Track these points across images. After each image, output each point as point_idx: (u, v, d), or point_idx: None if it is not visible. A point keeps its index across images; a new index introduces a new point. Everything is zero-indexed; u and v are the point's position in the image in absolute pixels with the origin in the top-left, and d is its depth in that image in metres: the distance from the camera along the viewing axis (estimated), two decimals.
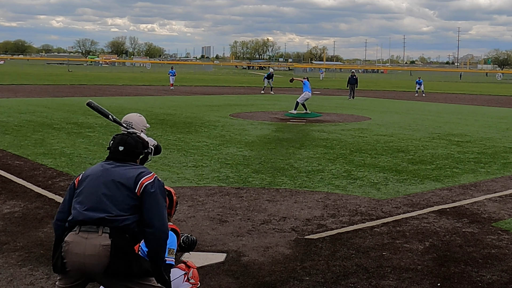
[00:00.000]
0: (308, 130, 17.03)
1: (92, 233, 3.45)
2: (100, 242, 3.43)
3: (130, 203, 3.56)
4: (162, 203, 3.64)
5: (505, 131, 18.05)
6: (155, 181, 3.65)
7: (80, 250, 3.43)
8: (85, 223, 3.49)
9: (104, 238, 3.44)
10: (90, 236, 3.44)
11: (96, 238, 3.44)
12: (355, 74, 36.36)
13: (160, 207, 3.62)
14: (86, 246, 3.42)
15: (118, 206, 3.54)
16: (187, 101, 27.79)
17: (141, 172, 3.66)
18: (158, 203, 3.61)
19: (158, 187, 3.65)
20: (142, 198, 3.58)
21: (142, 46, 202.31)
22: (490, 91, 51.41)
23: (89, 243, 3.43)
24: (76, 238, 3.45)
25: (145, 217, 3.57)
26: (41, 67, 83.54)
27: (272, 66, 69.24)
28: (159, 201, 3.63)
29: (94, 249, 3.41)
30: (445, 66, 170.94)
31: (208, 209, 7.65)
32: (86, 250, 3.42)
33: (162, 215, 3.62)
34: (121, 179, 3.60)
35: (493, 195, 8.93)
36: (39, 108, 21.97)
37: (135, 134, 3.94)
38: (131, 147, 3.78)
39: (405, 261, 5.82)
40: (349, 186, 9.27)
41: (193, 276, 4.40)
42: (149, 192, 3.59)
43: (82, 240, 3.44)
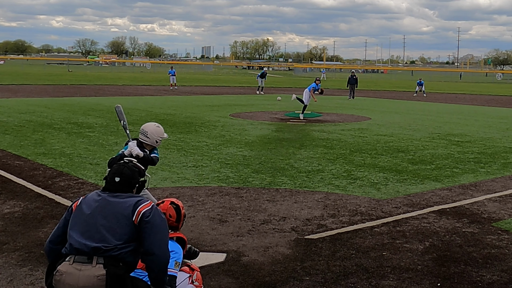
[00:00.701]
0: (308, 130, 17.03)
1: (86, 265, 3.42)
2: (94, 273, 3.40)
3: (128, 232, 3.54)
4: (160, 230, 3.62)
5: (505, 131, 18.05)
6: (152, 209, 3.63)
7: (73, 281, 3.40)
8: (80, 253, 3.46)
9: (99, 269, 3.42)
10: (84, 268, 3.41)
11: (90, 269, 3.41)
12: (355, 74, 36.37)
13: (158, 234, 3.60)
14: (80, 278, 3.39)
15: (115, 236, 3.51)
16: (187, 101, 27.79)
17: (138, 200, 3.64)
18: (156, 230, 3.59)
19: (156, 214, 3.63)
20: (140, 226, 3.56)
21: (142, 46, 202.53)
22: (490, 91, 51.42)
23: (82, 274, 3.40)
24: (70, 269, 3.43)
25: (145, 245, 3.56)
26: (41, 67, 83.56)
27: (266, 65, 69.20)
28: (158, 228, 3.60)
29: (88, 280, 3.39)
30: (445, 66, 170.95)
31: (208, 209, 7.65)
32: (79, 282, 3.39)
33: (161, 241, 3.61)
34: (119, 209, 3.59)
35: (493, 195, 8.93)
36: (39, 108, 21.97)
37: (131, 163, 3.91)
38: (128, 178, 3.74)
39: (405, 261, 5.82)
40: (349, 186, 9.27)
41: (197, 278, 4.40)
42: (146, 220, 3.56)
43: (75, 272, 3.41)
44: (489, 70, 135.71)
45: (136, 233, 3.57)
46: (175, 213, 4.34)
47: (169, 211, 4.33)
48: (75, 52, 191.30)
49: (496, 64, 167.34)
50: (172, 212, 4.33)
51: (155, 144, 6.05)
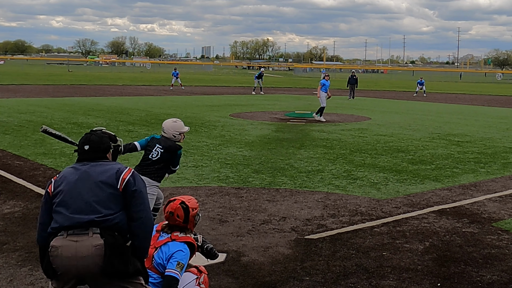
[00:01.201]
0: (308, 130, 17.03)
1: (82, 236, 3.42)
2: (92, 243, 3.40)
3: (115, 200, 3.56)
4: (145, 196, 3.68)
5: (505, 131, 18.05)
6: (134, 175, 3.68)
7: (71, 253, 3.39)
8: (72, 228, 3.45)
9: (96, 239, 3.42)
10: (81, 239, 3.41)
11: (88, 239, 3.41)
12: (355, 74, 36.37)
13: (145, 200, 3.66)
14: (77, 249, 3.39)
15: (104, 206, 3.51)
16: (187, 101, 27.78)
17: (119, 168, 3.67)
18: (143, 197, 3.64)
19: (139, 181, 3.68)
20: (125, 194, 3.59)
21: (142, 46, 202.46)
22: (490, 91, 51.42)
23: (80, 245, 3.39)
24: (65, 242, 3.42)
25: (132, 211, 3.59)
26: (41, 67, 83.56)
27: (263, 66, 69.03)
28: (144, 194, 3.66)
29: (87, 250, 3.38)
30: (445, 66, 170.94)
31: (208, 209, 7.65)
32: (77, 253, 3.38)
33: (146, 206, 3.65)
34: (101, 179, 3.59)
35: (493, 195, 8.93)
36: (39, 108, 21.97)
37: (99, 131, 3.95)
38: (96, 144, 3.76)
39: (405, 261, 5.82)
40: (349, 186, 9.27)
41: (204, 281, 4.37)
42: (133, 189, 3.61)
43: (72, 244, 3.40)
44: (489, 70, 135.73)
45: (122, 200, 3.59)
46: (183, 214, 4.29)
47: (177, 211, 4.29)
48: (75, 52, 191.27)
49: (496, 64, 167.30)
50: (180, 213, 4.29)
51: (174, 138, 6.21)
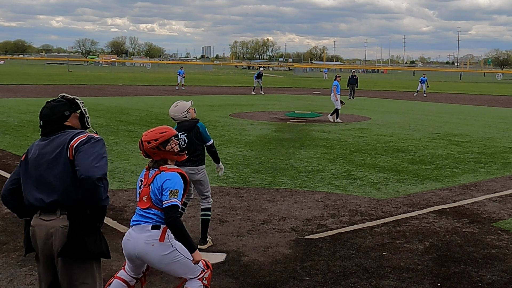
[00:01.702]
0: (308, 130, 17.03)
1: (51, 215, 3.49)
2: (58, 224, 3.47)
3: (71, 173, 3.43)
4: (92, 151, 3.42)
5: (505, 131, 18.05)
6: (87, 138, 3.47)
7: (42, 233, 3.50)
8: (41, 209, 3.52)
9: (63, 220, 3.47)
10: (49, 218, 3.49)
11: (55, 220, 3.48)
12: (355, 74, 36.35)
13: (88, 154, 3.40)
14: (47, 228, 3.48)
15: (63, 182, 3.44)
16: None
17: (72, 136, 3.50)
18: (86, 152, 3.40)
19: (90, 143, 3.45)
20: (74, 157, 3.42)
21: (142, 46, 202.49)
22: (490, 91, 51.41)
23: (49, 225, 3.48)
24: (38, 221, 3.53)
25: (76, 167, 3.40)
26: (41, 67, 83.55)
27: (262, 66, 68.98)
28: (89, 150, 3.42)
29: (55, 230, 3.47)
30: (445, 66, 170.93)
31: None
32: (47, 232, 3.48)
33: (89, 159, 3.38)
34: (56, 152, 3.47)
35: (493, 195, 8.93)
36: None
37: (53, 102, 3.75)
38: (47, 117, 3.63)
39: (405, 261, 5.82)
40: (349, 186, 9.27)
41: (208, 278, 4.35)
42: (79, 149, 3.42)
43: (43, 223, 3.51)
44: (489, 70, 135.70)
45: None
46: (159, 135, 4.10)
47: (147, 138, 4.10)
48: (75, 52, 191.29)
49: (496, 64, 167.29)
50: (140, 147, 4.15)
51: (187, 118, 6.16)
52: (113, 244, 6.17)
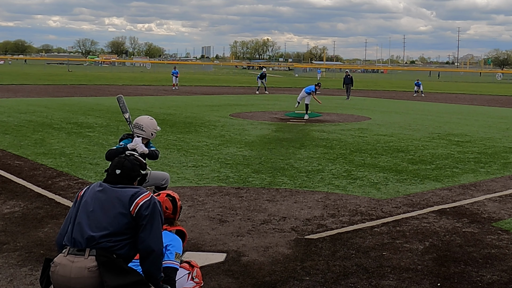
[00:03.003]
0: (308, 130, 17.03)
1: (78, 257, 3.47)
2: (85, 265, 3.45)
3: (123, 222, 3.55)
4: (157, 225, 3.64)
5: (505, 131, 18.05)
6: (151, 200, 3.64)
7: (66, 273, 3.45)
8: (75, 243, 3.52)
9: (90, 261, 3.46)
10: (77, 260, 3.47)
11: (82, 261, 3.46)
12: (350, 74, 36.26)
13: (156, 229, 3.61)
14: (72, 270, 3.44)
15: (110, 224, 3.54)
16: (187, 101, 27.78)
17: (137, 191, 3.66)
18: (154, 225, 3.60)
19: (154, 207, 3.64)
20: (138, 219, 3.57)
21: (142, 46, 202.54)
22: (490, 91, 51.41)
23: (74, 266, 3.45)
24: (63, 261, 3.49)
25: (142, 240, 3.57)
26: (41, 67, 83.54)
27: (265, 65, 68.88)
28: (155, 223, 3.61)
29: (80, 272, 3.43)
30: (445, 66, 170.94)
31: (208, 209, 7.65)
32: (71, 273, 3.44)
33: (159, 237, 3.64)
34: (117, 198, 3.62)
35: (493, 195, 8.93)
36: (39, 108, 21.97)
37: (133, 157, 3.96)
38: (128, 171, 3.78)
39: (405, 261, 5.82)
40: (349, 186, 9.27)
41: (197, 275, 4.40)
42: (144, 214, 3.58)
43: (68, 263, 3.47)
44: (489, 70, 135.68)
45: (133, 224, 3.56)
46: (171, 205, 4.33)
47: (165, 203, 4.31)
48: (75, 52, 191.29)
49: (496, 64, 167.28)
50: (168, 204, 4.32)
51: (151, 137, 6.28)
52: None
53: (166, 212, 4.29)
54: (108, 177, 3.79)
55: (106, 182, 3.77)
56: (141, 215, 3.57)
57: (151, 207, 3.61)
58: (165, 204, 4.31)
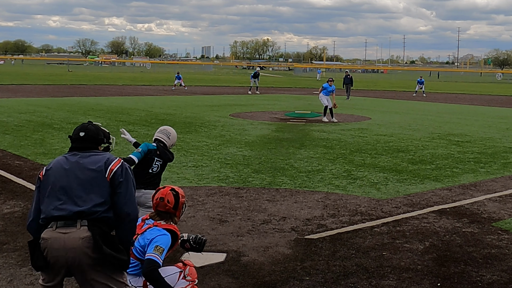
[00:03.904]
0: (308, 130, 17.03)
1: (70, 228, 3.48)
2: (79, 235, 3.46)
3: (104, 191, 3.58)
4: (131, 189, 3.68)
5: (505, 131, 18.05)
6: (123, 166, 3.68)
7: (60, 245, 3.45)
8: (62, 219, 3.50)
9: (83, 231, 3.47)
10: (69, 231, 3.47)
11: (76, 231, 3.47)
12: (349, 74, 36.17)
13: (130, 194, 3.66)
14: (66, 241, 3.45)
15: (94, 197, 3.55)
16: (187, 101, 27.78)
17: (108, 158, 3.70)
18: (128, 190, 3.64)
19: (127, 173, 3.68)
20: (113, 185, 3.61)
21: (142, 46, 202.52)
22: (490, 91, 51.42)
23: (68, 237, 3.46)
24: (54, 234, 3.48)
25: (118, 205, 3.60)
26: (41, 67, 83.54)
27: (259, 65, 68.40)
28: (129, 187, 3.66)
29: (74, 242, 3.45)
30: (445, 66, 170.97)
31: (208, 209, 7.65)
32: (66, 245, 3.45)
33: (133, 201, 3.67)
34: (91, 166, 3.63)
35: (493, 195, 8.93)
36: (39, 108, 21.97)
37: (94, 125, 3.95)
38: (92, 133, 3.79)
39: (405, 261, 5.82)
40: (349, 186, 9.27)
41: (190, 273, 4.39)
42: (119, 180, 3.62)
43: (60, 236, 3.47)
44: (489, 70, 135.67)
45: (109, 190, 3.61)
46: (174, 200, 4.33)
47: (167, 197, 4.33)
48: (75, 52, 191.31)
49: (496, 64, 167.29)
50: (170, 198, 4.34)
51: (171, 147, 6.39)
52: None
53: (167, 206, 4.30)
54: (73, 144, 3.77)
55: (71, 149, 3.75)
56: (116, 181, 3.61)
57: (124, 173, 3.65)
58: (167, 197, 4.31)
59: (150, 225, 4.23)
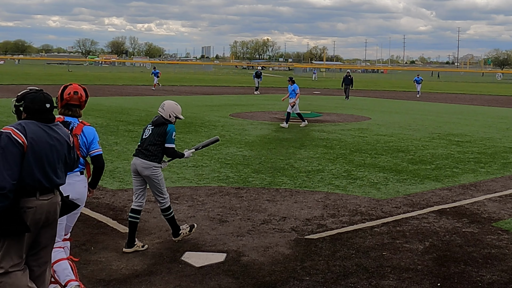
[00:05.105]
0: (308, 130, 17.03)
1: (49, 195, 3.94)
2: (57, 200, 4.04)
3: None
4: None
5: (505, 131, 18.05)
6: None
7: (43, 210, 3.90)
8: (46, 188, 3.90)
9: (57, 197, 4.05)
10: (49, 197, 3.95)
11: (54, 197, 4.00)
12: (350, 74, 35.80)
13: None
14: (49, 205, 3.94)
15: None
16: (187, 101, 27.79)
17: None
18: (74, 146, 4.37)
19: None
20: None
21: (142, 46, 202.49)
22: (490, 91, 51.42)
23: (49, 202, 3.94)
24: (38, 203, 3.86)
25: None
26: (41, 67, 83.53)
27: (258, 65, 68.12)
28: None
29: (54, 206, 3.99)
30: (445, 66, 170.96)
31: (208, 209, 7.65)
32: (49, 208, 3.94)
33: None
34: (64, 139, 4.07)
35: (493, 195, 8.93)
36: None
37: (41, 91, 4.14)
38: (53, 103, 4.09)
39: (405, 261, 5.82)
40: (349, 186, 9.27)
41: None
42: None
43: (43, 203, 3.90)
44: (489, 70, 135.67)
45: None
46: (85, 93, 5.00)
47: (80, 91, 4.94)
48: (75, 52, 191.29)
49: (496, 64, 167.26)
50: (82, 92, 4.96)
51: (169, 118, 6.29)
52: (113, 244, 6.18)
53: (80, 99, 4.93)
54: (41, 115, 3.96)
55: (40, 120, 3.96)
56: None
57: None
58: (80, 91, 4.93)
59: (80, 124, 4.85)
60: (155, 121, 6.20)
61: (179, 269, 5.45)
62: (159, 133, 6.04)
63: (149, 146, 5.97)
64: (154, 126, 6.12)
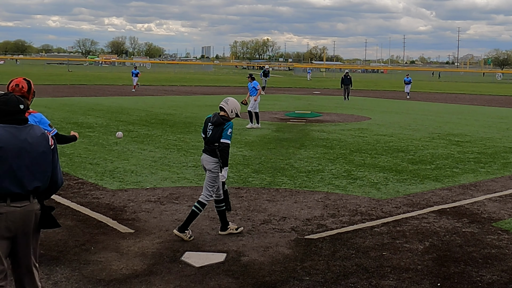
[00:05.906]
0: (308, 130, 17.03)
1: (24, 202, 3.74)
2: (33, 208, 3.80)
3: (49, 162, 3.86)
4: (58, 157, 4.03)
5: (505, 131, 18.05)
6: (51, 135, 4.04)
7: (16, 218, 3.72)
8: (18, 196, 3.70)
9: (35, 204, 3.82)
10: (23, 204, 3.74)
11: (30, 205, 3.77)
12: (349, 74, 35.72)
13: (58, 162, 4.01)
14: (23, 213, 3.73)
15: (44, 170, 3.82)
16: (187, 101, 27.79)
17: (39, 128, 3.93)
18: (58, 159, 4.00)
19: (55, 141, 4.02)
20: (53, 151, 3.90)
21: (142, 46, 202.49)
22: (490, 91, 51.42)
23: (23, 210, 3.73)
24: (10, 209, 3.70)
25: (53, 173, 3.92)
26: (41, 67, 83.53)
27: (267, 64, 68.30)
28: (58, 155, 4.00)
29: (29, 214, 3.77)
30: (445, 66, 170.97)
31: (208, 209, 7.64)
32: (23, 216, 3.73)
33: (59, 169, 4.02)
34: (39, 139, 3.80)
35: (493, 195, 8.93)
36: (39, 108, 21.91)
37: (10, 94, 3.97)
38: (26, 106, 3.92)
39: (405, 261, 5.82)
40: (349, 186, 9.27)
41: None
42: (56, 147, 3.94)
43: (16, 210, 3.71)
44: (489, 70, 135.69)
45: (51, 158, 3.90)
46: (27, 85, 5.20)
47: (22, 84, 5.14)
48: (75, 52, 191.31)
49: (496, 64, 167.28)
50: (24, 85, 5.17)
51: (230, 114, 6.60)
52: (113, 244, 6.18)
53: (22, 90, 5.14)
54: (13, 116, 3.76)
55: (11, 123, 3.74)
56: (55, 148, 3.92)
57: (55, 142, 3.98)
58: (21, 84, 5.17)
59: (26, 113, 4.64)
60: (215, 121, 6.50)
61: (179, 269, 5.45)
62: (219, 132, 6.46)
63: (212, 145, 6.46)
64: (214, 126, 6.50)
